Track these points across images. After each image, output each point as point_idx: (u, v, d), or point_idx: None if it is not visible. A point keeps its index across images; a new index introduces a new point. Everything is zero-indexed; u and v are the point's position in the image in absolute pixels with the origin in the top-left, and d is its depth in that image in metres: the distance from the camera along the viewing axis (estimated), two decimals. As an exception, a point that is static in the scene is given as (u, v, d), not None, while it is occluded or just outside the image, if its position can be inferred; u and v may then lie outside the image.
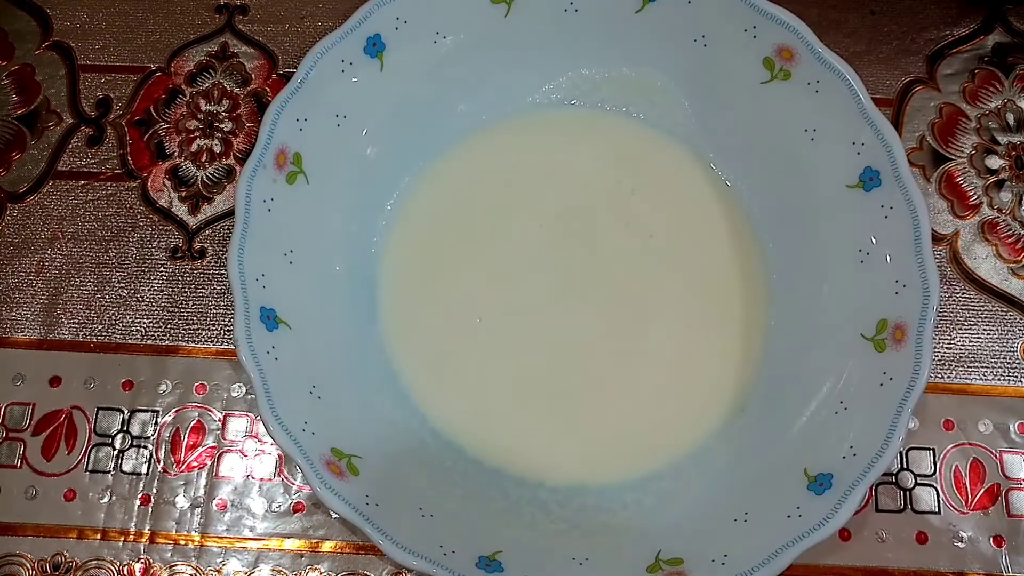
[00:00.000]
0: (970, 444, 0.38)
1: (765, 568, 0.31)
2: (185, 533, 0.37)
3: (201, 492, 0.37)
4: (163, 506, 0.37)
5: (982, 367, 0.39)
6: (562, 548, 0.34)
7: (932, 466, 0.38)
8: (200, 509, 0.37)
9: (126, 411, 0.39)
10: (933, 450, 0.38)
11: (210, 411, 0.39)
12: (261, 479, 0.38)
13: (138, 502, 0.37)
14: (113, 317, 0.40)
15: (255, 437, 0.38)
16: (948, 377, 0.39)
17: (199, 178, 0.42)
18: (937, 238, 0.41)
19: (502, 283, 0.39)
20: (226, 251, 0.34)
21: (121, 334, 0.40)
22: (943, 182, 0.42)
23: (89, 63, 0.44)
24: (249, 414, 0.39)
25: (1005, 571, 0.36)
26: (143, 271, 0.41)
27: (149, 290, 0.40)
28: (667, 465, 0.36)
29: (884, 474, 0.35)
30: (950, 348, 0.39)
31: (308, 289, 0.36)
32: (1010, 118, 0.43)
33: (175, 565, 0.37)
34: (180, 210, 0.42)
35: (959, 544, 0.37)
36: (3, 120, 0.43)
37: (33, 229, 0.41)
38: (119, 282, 0.41)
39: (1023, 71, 0.43)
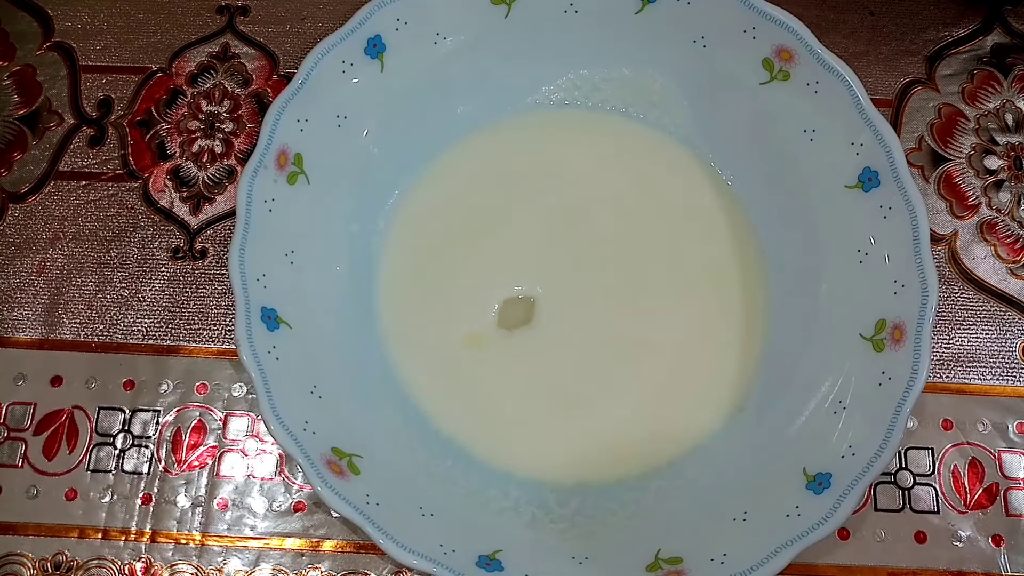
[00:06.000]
0: (969, 444, 0.38)
1: (764, 567, 0.31)
2: (186, 532, 0.37)
3: (202, 491, 0.38)
4: (164, 505, 0.37)
5: (981, 367, 0.39)
6: (562, 547, 0.34)
7: (931, 465, 0.38)
8: (201, 508, 0.37)
9: (127, 411, 0.39)
10: (932, 450, 0.38)
11: (211, 411, 0.39)
12: (262, 478, 0.38)
13: (139, 501, 0.37)
14: (114, 317, 0.40)
15: (256, 436, 0.38)
16: (947, 377, 0.39)
17: (200, 178, 0.42)
18: (936, 238, 0.41)
19: (502, 283, 0.39)
20: (227, 251, 0.34)
21: (122, 334, 0.40)
22: (942, 182, 0.42)
23: (90, 64, 0.44)
24: (250, 414, 0.39)
25: (1004, 570, 0.36)
26: (144, 271, 0.41)
27: (150, 290, 0.41)
28: (666, 464, 0.36)
29: (883, 473, 0.36)
30: (949, 348, 0.39)
31: (309, 289, 0.36)
32: (1009, 119, 0.43)
33: (176, 564, 0.37)
34: (181, 210, 0.42)
35: (958, 543, 0.37)
36: (4, 120, 0.43)
37: (35, 229, 0.42)
38: (120, 282, 0.41)
39: (1022, 72, 0.43)
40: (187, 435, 0.38)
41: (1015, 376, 0.39)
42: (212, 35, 0.45)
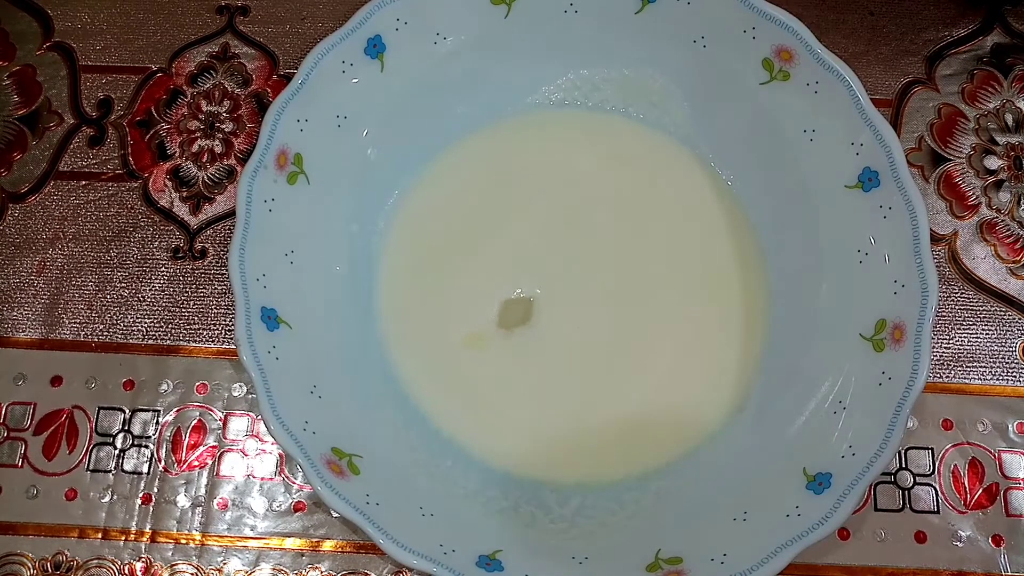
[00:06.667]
0: (969, 444, 0.38)
1: (764, 567, 0.31)
2: (186, 532, 0.37)
3: (202, 491, 0.38)
4: (164, 505, 0.37)
5: (981, 367, 0.39)
6: (562, 547, 0.34)
7: (931, 465, 0.38)
8: (201, 508, 0.37)
9: (127, 411, 0.39)
10: (932, 449, 0.38)
11: (211, 411, 0.39)
12: (262, 478, 0.38)
13: (139, 501, 0.37)
14: (114, 317, 0.40)
15: (256, 436, 0.38)
16: (947, 377, 0.39)
17: (200, 178, 0.42)
18: (936, 238, 0.41)
19: (502, 283, 0.39)
20: (227, 251, 0.34)
21: (122, 334, 0.40)
22: (942, 182, 0.42)
23: (90, 64, 0.44)
24: (250, 413, 0.39)
25: (1004, 570, 0.36)
26: (144, 271, 0.41)
27: (150, 290, 0.41)
28: (666, 464, 0.36)
29: (883, 473, 0.36)
30: (949, 348, 0.39)
31: (309, 289, 0.36)
32: (1008, 119, 0.43)
33: (176, 564, 0.37)
34: (181, 210, 0.42)
35: (958, 543, 0.37)
36: (4, 120, 0.43)
37: (34, 229, 0.42)
38: (120, 282, 0.41)
39: (1022, 72, 0.43)
40: (187, 435, 0.38)
41: (1015, 376, 0.39)
42: (212, 35, 0.45)
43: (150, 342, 0.40)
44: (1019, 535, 0.37)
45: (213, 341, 0.40)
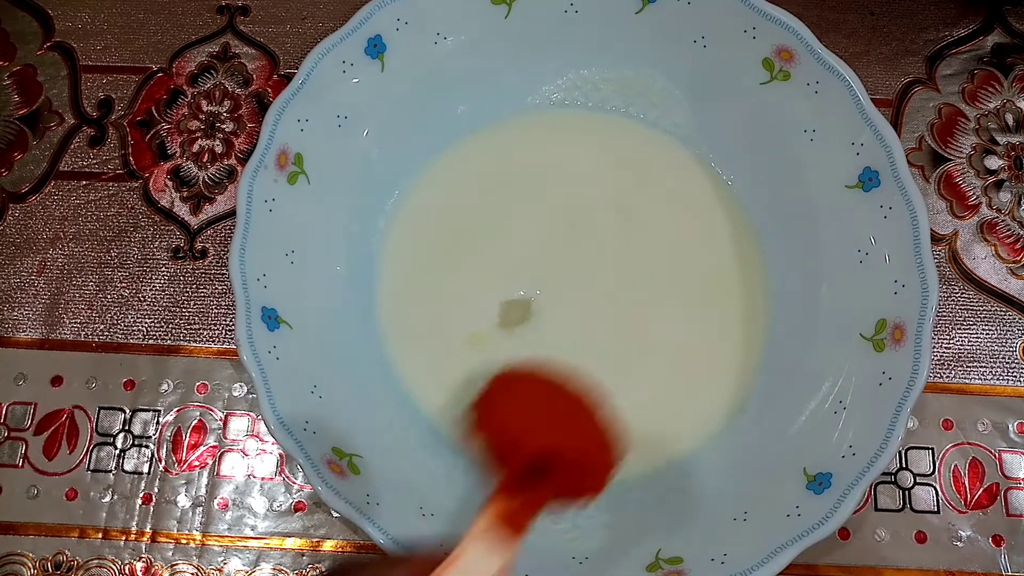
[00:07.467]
0: (969, 444, 0.38)
1: (764, 567, 0.31)
2: (187, 532, 0.37)
3: (202, 491, 0.38)
4: (164, 505, 0.37)
5: (981, 367, 0.39)
6: (562, 547, 0.34)
7: (931, 465, 0.38)
8: (201, 508, 0.37)
9: (128, 410, 0.39)
10: (932, 450, 0.38)
11: (211, 410, 0.39)
12: (262, 478, 0.38)
13: (140, 501, 0.37)
14: (115, 317, 0.40)
15: (256, 436, 0.38)
16: (947, 377, 0.39)
17: (201, 178, 0.42)
18: (936, 238, 0.41)
19: (502, 283, 0.39)
20: (227, 251, 0.34)
21: (123, 334, 0.40)
22: (942, 182, 0.42)
23: (91, 64, 0.44)
24: (250, 413, 0.39)
25: (1004, 570, 0.36)
26: (145, 271, 0.41)
27: (151, 290, 0.41)
28: (666, 464, 0.36)
29: (883, 473, 0.36)
30: (949, 348, 0.39)
31: (309, 289, 0.36)
32: (1009, 118, 0.43)
33: (176, 564, 0.37)
34: (182, 210, 0.42)
35: (958, 543, 0.37)
36: (5, 120, 0.43)
37: (35, 229, 0.42)
38: (121, 282, 0.41)
39: (1022, 71, 0.43)
40: (187, 435, 0.38)
41: (1015, 376, 0.39)
42: (212, 35, 0.45)
43: (150, 342, 0.40)
44: (1019, 535, 0.37)
45: (213, 341, 0.40)
